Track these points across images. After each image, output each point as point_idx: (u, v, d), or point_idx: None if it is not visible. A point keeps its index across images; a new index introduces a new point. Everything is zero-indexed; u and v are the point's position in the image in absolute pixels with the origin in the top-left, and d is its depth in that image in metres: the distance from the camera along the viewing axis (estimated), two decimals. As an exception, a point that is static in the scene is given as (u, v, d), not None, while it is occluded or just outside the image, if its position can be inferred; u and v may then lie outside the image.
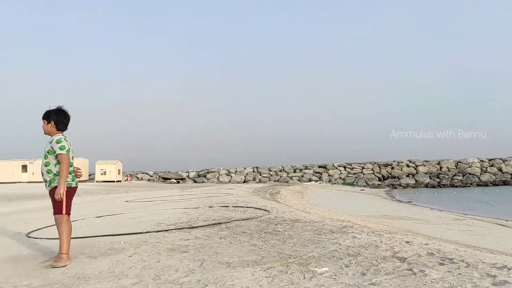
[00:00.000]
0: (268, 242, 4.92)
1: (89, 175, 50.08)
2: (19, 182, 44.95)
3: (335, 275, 3.39)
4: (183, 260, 4.08)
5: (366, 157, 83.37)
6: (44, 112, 4.39)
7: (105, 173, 49.40)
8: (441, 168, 60.05)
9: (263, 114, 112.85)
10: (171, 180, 61.79)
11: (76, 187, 4.39)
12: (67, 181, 4.22)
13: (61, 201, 4.16)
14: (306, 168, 66.00)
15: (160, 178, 65.24)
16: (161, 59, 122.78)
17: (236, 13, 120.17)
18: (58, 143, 4.21)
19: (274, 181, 61.98)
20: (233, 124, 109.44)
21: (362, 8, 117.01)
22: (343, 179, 60.35)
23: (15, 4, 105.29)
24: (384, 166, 62.34)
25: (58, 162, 4.20)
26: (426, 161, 61.44)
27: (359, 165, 63.85)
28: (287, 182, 59.41)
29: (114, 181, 49.06)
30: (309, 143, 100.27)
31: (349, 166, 64.00)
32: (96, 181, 47.64)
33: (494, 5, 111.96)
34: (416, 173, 59.31)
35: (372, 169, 62.55)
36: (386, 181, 57.27)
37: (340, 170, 63.60)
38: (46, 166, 4.26)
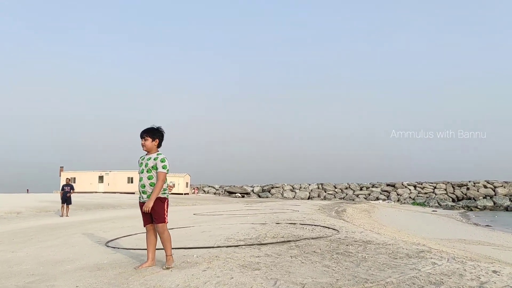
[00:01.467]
0: (341, 264, 4.77)
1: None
2: (96, 192, 47.83)
3: (418, 304, 3.19)
4: (256, 278, 4.06)
5: (438, 176, 79.18)
6: (145, 129, 4.79)
7: (173, 186, 51.06)
8: (523, 189, 55.65)
9: (331, 129, 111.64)
10: (236, 194, 62.68)
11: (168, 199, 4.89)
12: (166, 193, 4.76)
13: (164, 211, 4.70)
14: (373, 186, 64.05)
15: (226, 192, 66.44)
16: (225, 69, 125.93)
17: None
18: (162, 162, 4.70)
19: (339, 198, 60.75)
20: (299, 139, 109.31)
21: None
22: (413, 199, 57.71)
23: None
24: (459, 186, 58.90)
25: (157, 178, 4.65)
26: (505, 182, 57.17)
27: (430, 184, 60.82)
28: (353, 200, 57.96)
29: (182, 194, 50.68)
30: (377, 160, 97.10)
31: (420, 185, 61.17)
32: (165, 193, 49.39)
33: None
34: (495, 194, 55.25)
35: (445, 189, 59.31)
36: (460, 202, 53.89)
37: (409, 189, 60.97)
38: (149, 179, 4.71)
